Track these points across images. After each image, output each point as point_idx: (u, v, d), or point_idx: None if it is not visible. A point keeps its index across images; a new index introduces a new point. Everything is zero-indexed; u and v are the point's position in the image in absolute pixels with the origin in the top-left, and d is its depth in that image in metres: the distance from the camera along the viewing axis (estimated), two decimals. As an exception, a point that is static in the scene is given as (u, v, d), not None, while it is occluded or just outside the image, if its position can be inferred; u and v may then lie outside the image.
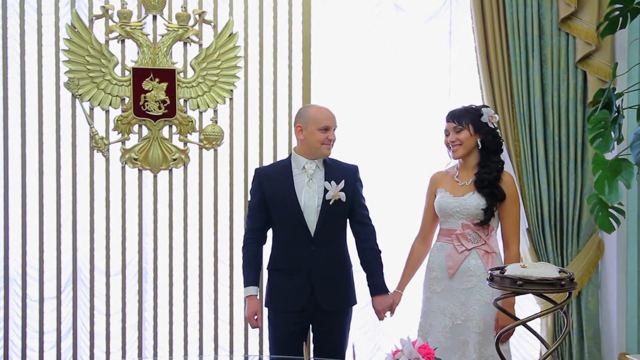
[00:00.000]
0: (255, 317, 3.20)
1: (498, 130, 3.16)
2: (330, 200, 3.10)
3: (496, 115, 3.16)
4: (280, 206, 3.16)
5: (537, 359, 4.17)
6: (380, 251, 3.28)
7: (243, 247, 3.29)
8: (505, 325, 2.92)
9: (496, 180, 3.07)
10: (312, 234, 3.12)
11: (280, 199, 3.15)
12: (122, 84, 3.77)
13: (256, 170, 3.32)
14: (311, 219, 3.12)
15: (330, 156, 3.22)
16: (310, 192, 3.13)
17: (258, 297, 3.24)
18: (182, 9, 3.81)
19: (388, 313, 3.29)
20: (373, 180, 4.15)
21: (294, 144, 3.83)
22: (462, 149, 3.10)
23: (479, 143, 3.10)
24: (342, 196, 3.10)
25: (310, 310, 3.14)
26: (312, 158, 3.17)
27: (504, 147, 3.20)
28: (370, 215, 3.31)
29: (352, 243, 3.31)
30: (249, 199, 3.34)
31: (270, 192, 3.18)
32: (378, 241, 3.30)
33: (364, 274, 3.33)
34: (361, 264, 3.28)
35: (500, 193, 3.06)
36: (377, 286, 3.24)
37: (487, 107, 3.17)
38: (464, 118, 3.10)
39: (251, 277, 3.23)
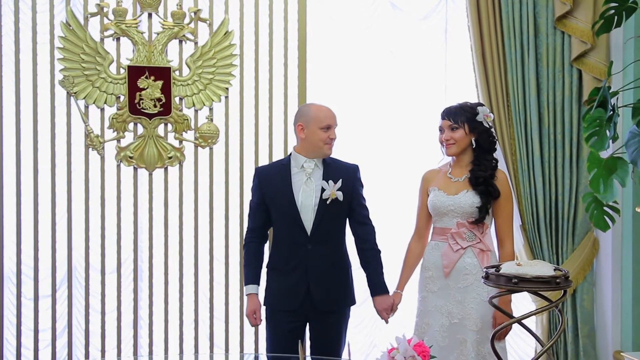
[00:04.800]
0: (255, 315, 3.20)
1: (492, 129, 3.16)
2: (327, 199, 3.09)
3: (491, 114, 3.16)
4: (277, 205, 3.16)
5: (533, 356, 4.17)
6: (379, 251, 3.27)
7: (244, 246, 3.30)
8: (502, 322, 2.92)
9: (491, 178, 3.07)
10: (309, 233, 3.11)
11: (277, 197, 3.15)
12: (117, 82, 3.76)
13: (256, 169, 3.33)
14: (308, 218, 3.11)
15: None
16: (308, 191, 3.12)
17: (258, 295, 3.24)
18: (177, 7, 3.80)
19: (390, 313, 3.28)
20: (370, 179, 4.13)
21: (290, 142, 3.83)
22: (456, 147, 3.10)
23: (474, 142, 3.10)
24: (339, 195, 3.09)
25: (306, 309, 3.13)
26: (313, 157, 3.16)
27: (497, 146, 3.20)
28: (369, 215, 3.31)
29: (352, 243, 3.31)
30: (249, 197, 3.34)
31: (269, 191, 3.18)
32: (377, 240, 3.30)
33: (361, 273, 3.33)
34: (361, 264, 3.28)
35: (495, 191, 3.06)
36: (377, 286, 3.23)
37: (482, 105, 3.16)
38: (459, 116, 3.09)
39: (251, 275, 3.23)
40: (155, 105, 3.77)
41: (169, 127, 3.84)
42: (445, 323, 3.05)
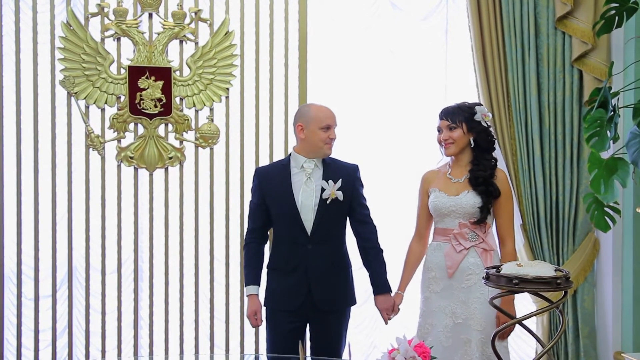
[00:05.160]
0: (256, 316, 3.20)
1: (491, 129, 3.17)
2: (327, 199, 3.09)
3: (489, 113, 3.16)
4: (277, 205, 3.16)
5: (533, 357, 4.18)
6: (382, 250, 3.26)
7: (244, 247, 3.30)
8: (506, 322, 2.90)
9: (491, 177, 3.07)
10: (309, 233, 3.11)
11: (277, 198, 3.15)
12: (117, 82, 3.76)
13: (256, 170, 3.32)
14: (308, 218, 3.11)
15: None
16: (308, 191, 3.12)
17: (258, 296, 3.23)
18: (178, 7, 3.80)
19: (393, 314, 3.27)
20: (370, 179, 4.13)
21: (291, 142, 3.83)
22: (454, 147, 3.10)
23: (472, 141, 3.11)
24: (340, 195, 3.09)
25: (307, 309, 3.13)
26: (313, 157, 3.16)
27: (496, 145, 3.20)
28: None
29: (352, 243, 3.30)
30: (249, 198, 3.33)
31: (269, 192, 3.18)
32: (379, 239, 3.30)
33: (361, 274, 3.32)
34: (363, 263, 3.28)
35: (495, 190, 3.06)
36: (379, 285, 3.22)
37: (480, 105, 3.17)
38: (457, 116, 3.10)
39: (251, 276, 3.22)
40: (155, 106, 3.77)
41: (170, 127, 3.83)
42: (449, 323, 3.04)
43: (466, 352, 2.99)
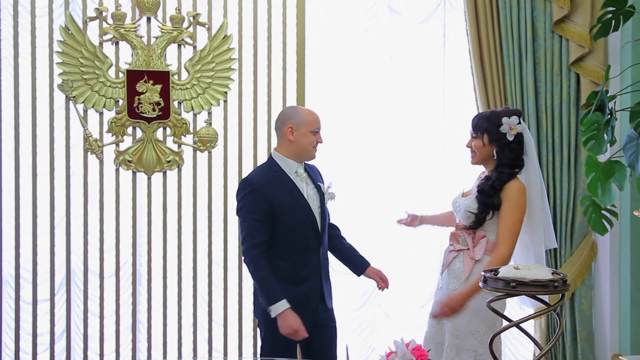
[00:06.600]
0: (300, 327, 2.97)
1: (522, 139, 3.00)
2: (326, 201, 3.11)
3: (520, 124, 2.99)
4: (293, 214, 3.01)
5: (531, 360, 4.19)
6: None
7: (255, 263, 2.98)
8: (447, 307, 2.94)
9: (493, 189, 2.97)
10: (321, 238, 3.09)
11: (293, 207, 3.01)
12: (116, 86, 3.76)
13: (250, 181, 3.06)
14: (320, 223, 3.10)
15: (316, 158, 3.17)
16: (312, 196, 3.09)
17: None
18: (176, 11, 3.81)
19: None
20: (368, 182, 4.15)
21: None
22: (476, 157, 3.06)
23: (495, 154, 3.00)
24: (334, 195, 3.13)
25: (318, 313, 3.09)
26: (300, 160, 3.10)
27: (532, 153, 3.05)
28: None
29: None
30: (242, 211, 3.06)
31: (279, 202, 2.99)
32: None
33: (360, 276, 3.32)
34: (338, 247, 3.28)
35: (493, 204, 2.96)
36: (363, 260, 3.29)
37: (515, 113, 3.00)
38: (480, 126, 3.01)
39: (277, 290, 2.94)
40: (154, 109, 3.78)
41: (168, 131, 3.84)
42: (440, 320, 3.07)
43: (445, 352, 3.02)
